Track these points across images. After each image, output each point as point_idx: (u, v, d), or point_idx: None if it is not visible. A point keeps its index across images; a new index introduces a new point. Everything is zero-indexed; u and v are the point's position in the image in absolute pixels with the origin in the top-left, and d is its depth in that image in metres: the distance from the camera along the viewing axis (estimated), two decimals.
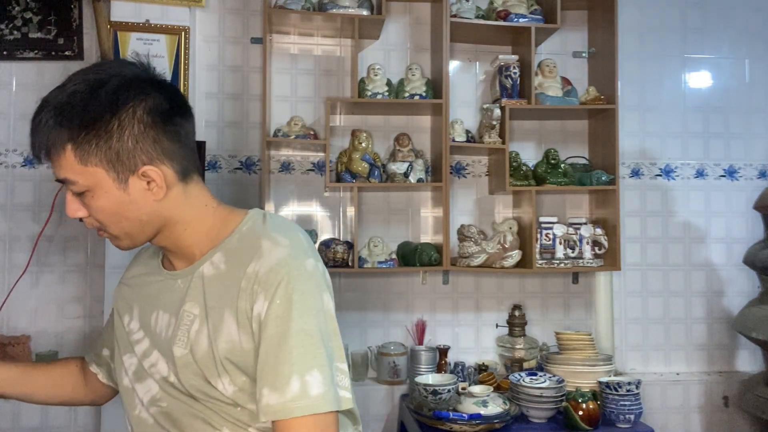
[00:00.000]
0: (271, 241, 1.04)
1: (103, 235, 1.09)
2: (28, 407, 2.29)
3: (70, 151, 1.00)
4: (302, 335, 0.97)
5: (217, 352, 1.02)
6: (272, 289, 0.99)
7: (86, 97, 1.00)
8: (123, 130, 1.01)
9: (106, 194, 1.02)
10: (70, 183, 1.02)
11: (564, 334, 2.46)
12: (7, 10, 2.40)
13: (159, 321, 1.11)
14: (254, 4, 2.56)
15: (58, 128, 0.99)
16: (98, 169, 1.01)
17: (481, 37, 2.64)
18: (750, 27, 2.83)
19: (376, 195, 2.62)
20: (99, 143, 1.00)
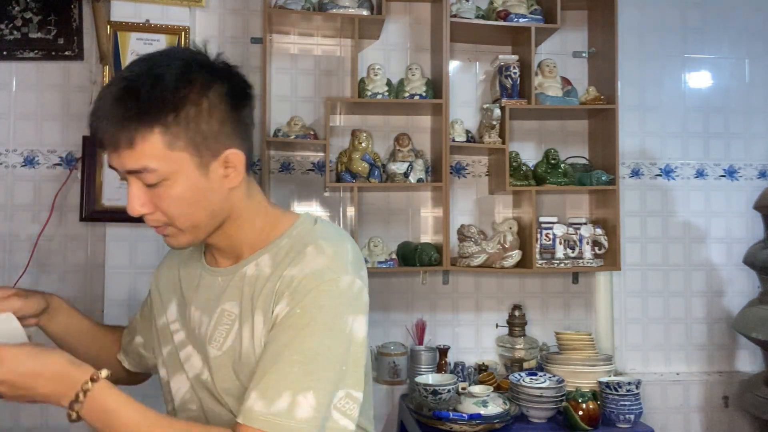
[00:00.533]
0: (316, 248, 1.00)
1: (164, 232, 1.02)
2: (28, 407, 2.29)
3: (158, 136, 0.93)
4: (310, 353, 0.92)
5: (252, 356, 0.99)
6: (298, 297, 0.95)
7: (175, 77, 0.94)
8: (212, 110, 0.97)
9: (186, 181, 0.96)
10: (148, 172, 0.94)
11: (564, 334, 2.46)
12: (7, 10, 2.40)
13: (193, 316, 1.10)
14: (254, 4, 2.56)
15: (147, 110, 0.92)
16: (183, 154, 0.95)
17: (481, 37, 2.64)
18: (750, 27, 2.83)
19: (376, 195, 2.62)
20: (189, 125, 0.95)
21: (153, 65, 0.96)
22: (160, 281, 1.21)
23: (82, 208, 2.32)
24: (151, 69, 0.95)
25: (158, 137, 0.93)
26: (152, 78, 0.94)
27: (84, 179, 2.32)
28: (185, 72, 0.96)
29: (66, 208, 2.42)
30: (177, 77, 0.95)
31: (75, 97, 2.46)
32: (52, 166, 2.44)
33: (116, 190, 2.33)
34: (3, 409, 2.27)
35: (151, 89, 0.93)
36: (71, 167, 2.42)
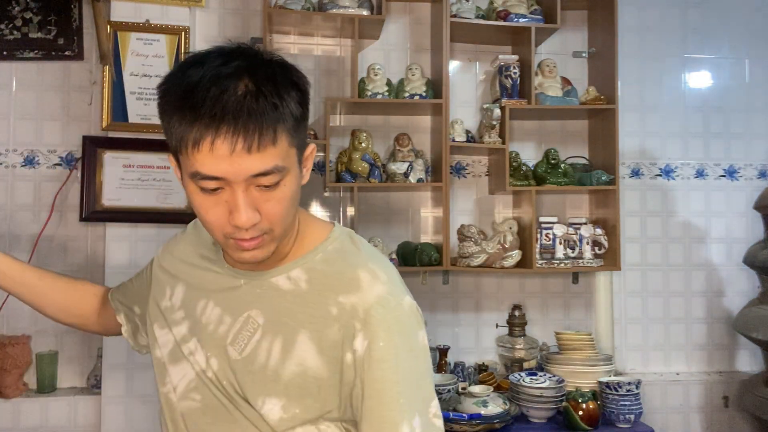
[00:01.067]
0: (369, 274, 0.98)
1: (257, 243, 0.93)
2: (28, 407, 2.29)
3: (287, 131, 0.88)
4: (408, 380, 0.94)
5: (281, 370, 0.96)
6: (373, 329, 0.94)
7: (283, 70, 0.91)
8: (308, 104, 0.94)
9: (294, 179, 0.92)
10: (277, 171, 0.88)
11: (564, 334, 2.46)
12: (7, 10, 2.40)
13: (208, 312, 1.05)
14: (254, 4, 2.56)
15: (284, 104, 0.87)
16: (294, 150, 0.91)
17: (481, 37, 2.64)
18: (750, 27, 2.83)
19: (376, 195, 2.62)
20: (302, 120, 0.92)
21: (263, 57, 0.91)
22: (165, 261, 1.16)
23: (82, 208, 2.32)
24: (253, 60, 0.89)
25: (287, 133, 0.88)
26: (266, 68, 0.88)
27: (84, 179, 2.32)
28: (282, 63, 0.92)
29: (66, 208, 2.42)
30: (283, 68, 0.91)
31: (75, 97, 2.46)
32: (52, 166, 2.44)
33: (116, 190, 2.33)
34: (3, 409, 2.28)
35: (276, 81, 0.88)
36: (71, 167, 2.42)
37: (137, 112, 2.36)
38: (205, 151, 0.85)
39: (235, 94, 0.84)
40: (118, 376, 2.28)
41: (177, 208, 2.35)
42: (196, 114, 0.84)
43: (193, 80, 0.85)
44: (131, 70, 2.37)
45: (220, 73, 0.85)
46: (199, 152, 0.85)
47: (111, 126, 2.35)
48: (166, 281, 1.13)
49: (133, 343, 1.28)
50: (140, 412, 2.28)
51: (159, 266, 1.17)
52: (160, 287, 1.14)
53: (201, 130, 0.84)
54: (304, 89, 0.93)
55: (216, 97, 0.83)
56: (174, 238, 1.21)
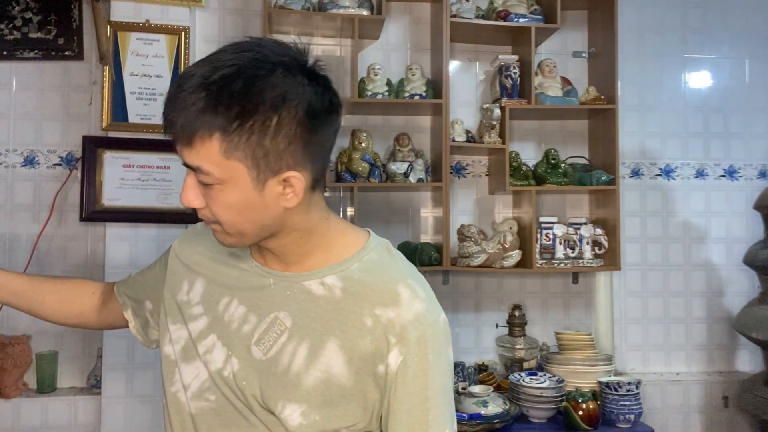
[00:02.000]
0: (410, 290, 0.99)
1: (212, 227, 0.99)
2: (28, 407, 2.29)
3: (216, 140, 0.89)
4: (437, 397, 0.97)
5: (304, 376, 0.96)
6: (409, 345, 0.95)
7: (247, 84, 0.88)
8: (280, 129, 0.90)
9: (239, 192, 0.92)
10: (202, 173, 0.91)
11: (564, 334, 2.46)
12: (7, 10, 2.40)
13: (232, 309, 1.03)
14: (254, 4, 2.56)
15: (211, 113, 0.88)
16: (239, 165, 0.90)
17: (481, 37, 2.64)
18: (750, 27, 2.83)
19: (376, 195, 2.61)
20: (251, 138, 0.89)
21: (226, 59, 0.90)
22: (183, 254, 1.14)
23: (82, 208, 2.32)
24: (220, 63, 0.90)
25: (216, 143, 0.89)
26: (225, 77, 0.88)
27: (84, 179, 2.32)
28: (262, 79, 0.89)
29: (66, 208, 2.42)
30: (251, 84, 0.89)
31: (75, 97, 2.46)
32: (52, 166, 2.44)
33: (116, 190, 2.33)
34: (3, 409, 2.28)
35: (221, 90, 0.88)
36: (71, 167, 2.42)
37: (137, 112, 2.36)
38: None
39: (180, 92, 0.90)
40: (118, 376, 2.28)
41: (177, 208, 2.35)
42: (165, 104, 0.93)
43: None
44: (131, 70, 2.37)
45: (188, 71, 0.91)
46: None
47: (111, 126, 2.35)
48: (184, 274, 1.11)
49: (143, 338, 1.24)
50: (140, 412, 2.28)
51: (176, 259, 1.15)
52: (177, 280, 1.12)
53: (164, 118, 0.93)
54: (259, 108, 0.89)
55: (174, 87, 0.91)
56: (193, 231, 1.18)
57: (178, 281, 1.11)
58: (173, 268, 1.14)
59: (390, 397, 0.96)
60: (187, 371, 1.04)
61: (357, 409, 0.96)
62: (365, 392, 0.96)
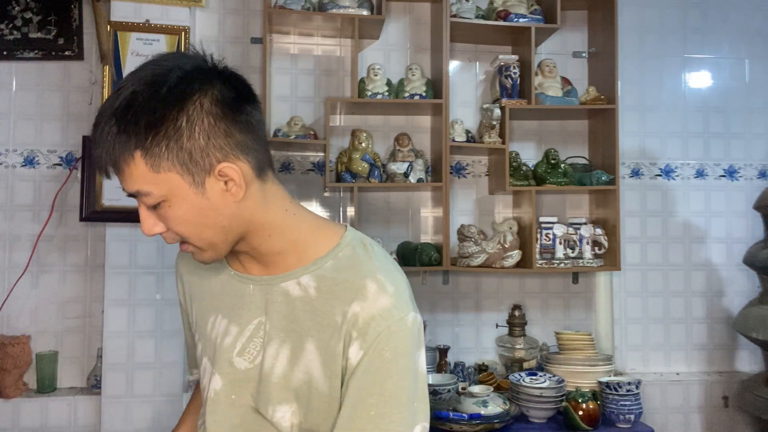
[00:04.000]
0: (377, 284, 0.95)
1: (188, 249, 0.98)
2: (28, 407, 2.29)
3: (139, 159, 0.89)
4: (385, 396, 0.92)
5: (290, 376, 0.96)
6: (369, 340, 0.92)
7: (148, 96, 0.89)
8: (193, 126, 0.90)
9: (183, 201, 0.92)
10: (144, 195, 0.92)
11: (564, 334, 2.46)
12: (7, 10, 2.40)
13: (217, 325, 1.03)
14: (254, 4, 2.56)
15: (124, 135, 0.89)
16: (172, 175, 0.90)
17: (481, 37, 2.64)
18: (750, 27, 2.83)
19: (376, 195, 2.61)
20: (169, 144, 0.89)
21: (127, 83, 0.92)
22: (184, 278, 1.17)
23: (82, 208, 2.32)
24: (122, 89, 0.92)
25: (140, 161, 0.90)
26: (126, 99, 0.90)
27: (84, 179, 2.32)
28: (158, 87, 0.90)
29: (66, 208, 2.42)
30: (151, 94, 0.89)
31: (75, 97, 2.46)
32: (52, 166, 2.44)
33: (116, 190, 2.31)
34: (3, 409, 2.28)
35: (125, 111, 0.89)
36: (71, 167, 2.42)
37: None
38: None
39: (96, 126, 0.93)
40: (118, 376, 2.28)
41: None
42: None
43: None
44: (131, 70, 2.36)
45: (100, 109, 0.95)
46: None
47: None
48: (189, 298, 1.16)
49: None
50: (140, 412, 2.28)
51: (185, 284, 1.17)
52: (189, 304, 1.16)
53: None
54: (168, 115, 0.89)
55: (92, 134, 0.95)
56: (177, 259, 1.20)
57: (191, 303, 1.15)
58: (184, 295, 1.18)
59: (346, 389, 0.93)
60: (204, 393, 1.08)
61: (335, 413, 0.95)
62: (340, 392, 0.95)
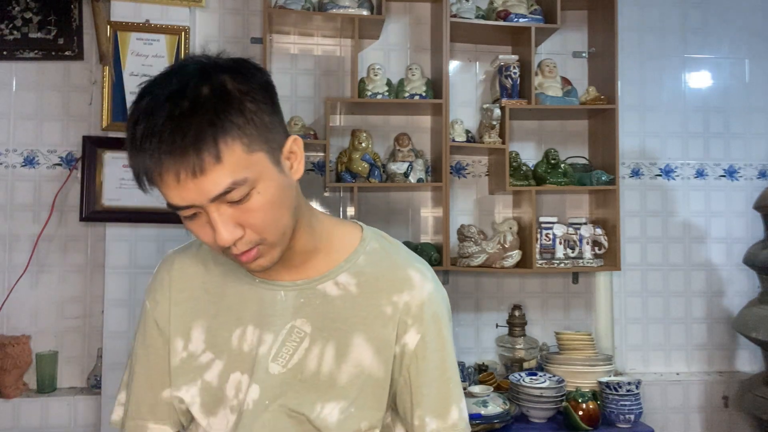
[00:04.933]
0: (418, 272, 1.03)
1: (253, 255, 0.90)
2: (28, 407, 2.29)
3: (237, 141, 0.83)
4: (453, 368, 1.04)
5: (337, 374, 0.97)
6: (425, 324, 1.00)
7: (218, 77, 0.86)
8: (263, 99, 0.88)
9: (271, 182, 0.87)
10: (238, 186, 0.84)
11: (564, 334, 2.46)
12: (7, 10, 2.40)
13: (248, 337, 0.99)
14: (254, 4, 2.56)
15: (218, 120, 0.82)
16: (261, 154, 0.86)
17: (481, 37, 2.64)
18: (750, 27, 2.83)
19: (376, 195, 2.61)
20: (255, 120, 0.85)
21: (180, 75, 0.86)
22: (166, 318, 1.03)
23: (82, 208, 2.32)
24: (188, 79, 0.85)
25: (237, 143, 0.83)
26: (197, 86, 0.84)
27: (84, 179, 2.32)
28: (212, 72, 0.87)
29: (66, 208, 2.42)
30: (235, 74, 0.88)
31: (75, 97, 2.46)
32: (52, 166, 2.44)
33: (116, 190, 2.33)
34: (3, 409, 2.28)
35: (206, 96, 0.83)
36: (71, 167, 2.42)
37: None
38: (159, 184, 0.84)
39: (168, 121, 0.81)
40: (118, 376, 2.28)
41: None
42: (138, 150, 0.84)
43: (135, 115, 0.85)
44: (131, 70, 2.37)
45: (157, 101, 0.83)
46: (155, 186, 0.85)
47: (111, 126, 2.34)
48: (172, 334, 1.02)
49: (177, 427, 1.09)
50: None
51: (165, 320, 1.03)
52: (169, 343, 1.03)
53: (146, 165, 0.84)
54: (254, 90, 0.87)
55: (151, 129, 0.82)
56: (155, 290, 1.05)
57: (170, 342, 1.02)
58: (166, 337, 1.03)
59: (410, 374, 1.00)
60: (215, 424, 1.00)
61: (385, 397, 1.00)
62: (391, 377, 1.00)
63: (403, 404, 1.02)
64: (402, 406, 1.03)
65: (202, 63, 0.89)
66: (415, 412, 1.01)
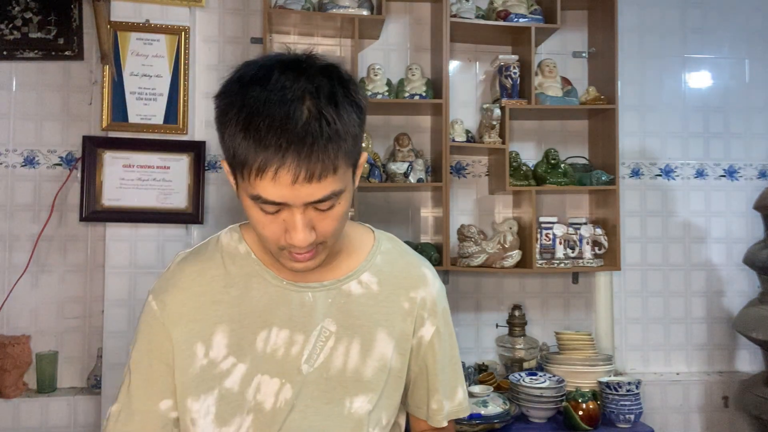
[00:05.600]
0: (430, 271, 1.13)
1: (310, 255, 0.93)
2: (28, 407, 2.29)
3: (347, 155, 0.87)
4: (457, 354, 1.17)
5: (363, 369, 1.02)
6: (438, 317, 1.10)
7: (347, 85, 0.89)
8: (359, 115, 0.90)
9: (349, 194, 0.92)
10: (335, 195, 0.87)
11: (564, 334, 2.46)
12: (7, 10, 2.40)
13: (273, 339, 0.98)
14: (254, 4, 2.56)
15: (342, 133, 0.85)
16: (350, 169, 0.90)
17: (481, 37, 2.64)
18: (750, 27, 2.83)
19: (376, 195, 2.61)
20: (357, 137, 0.90)
21: (306, 75, 0.87)
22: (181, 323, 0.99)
23: (82, 208, 2.32)
24: (314, 80, 0.86)
25: (347, 156, 0.87)
26: (337, 89, 0.87)
27: (84, 179, 2.32)
28: (349, 81, 0.90)
29: (66, 208, 2.42)
30: (349, 85, 0.90)
31: (75, 97, 2.46)
32: (52, 166, 2.44)
33: (116, 190, 2.33)
34: (3, 409, 2.28)
35: (336, 104, 0.85)
36: (71, 167, 2.42)
37: (137, 112, 2.36)
38: (268, 179, 0.84)
39: (301, 122, 0.82)
40: (118, 376, 2.27)
41: (177, 208, 2.35)
42: (260, 142, 0.82)
43: (256, 103, 0.83)
44: (131, 70, 2.37)
45: (285, 98, 0.83)
46: (261, 180, 0.84)
47: (111, 126, 2.35)
48: (192, 341, 0.98)
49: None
50: None
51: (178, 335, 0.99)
52: (184, 352, 0.98)
53: (266, 159, 0.83)
54: (363, 105, 0.91)
55: (281, 126, 0.81)
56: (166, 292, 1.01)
57: (187, 352, 0.98)
58: (180, 346, 0.98)
59: (426, 363, 1.10)
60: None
61: (402, 387, 1.08)
62: (408, 368, 1.08)
63: (419, 391, 1.12)
64: (417, 393, 1.12)
65: (317, 64, 0.90)
66: (433, 396, 1.11)
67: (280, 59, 0.90)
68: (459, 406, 1.15)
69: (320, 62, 0.91)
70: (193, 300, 1.00)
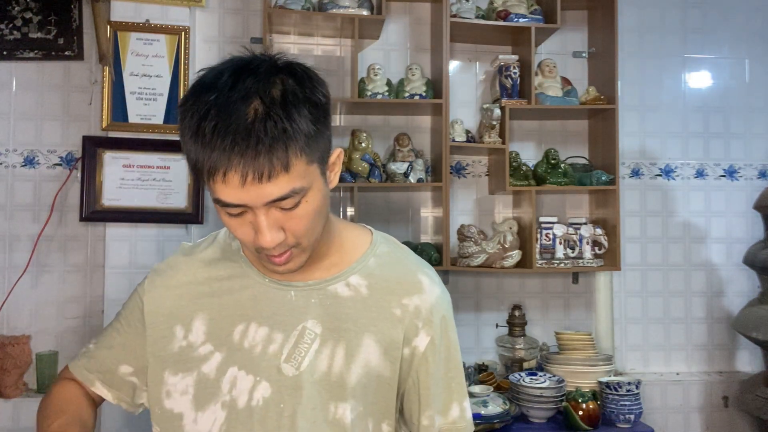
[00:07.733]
0: (428, 277, 1.07)
1: (286, 257, 0.93)
2: (28, 407, 2.29)
3: (303, 151, 0.85)
4: (456, 368, 1.08)
5: (347, 376, 0.98)
6: (434, 327, 1.03)
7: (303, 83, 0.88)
8: (328, 110, 0.91)
9: (318, 192, 0.90)
10: (295, 194, 0.87)
11: (564, 334, 2.46)
12: (7, 10, 2.40)
13: (252, 334, 0.99)
14: (254, 4, 2.56)
15: (296, 129, 0.84)
16: (316, 165, 0.89)
17: (481, 37, 2.64)
18: (750, 27, 2.83)
19: (376, 195, 2.61)
20: (320, 133, 0.88)
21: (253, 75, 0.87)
22: (161, 305, 1.04)
23: (82, 208, 2.32)
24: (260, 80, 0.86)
25: (303, 153, 0.85)
26: (269, 89, 0.85)
27: (84, 179, 2.32)
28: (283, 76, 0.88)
29: (66, 208, 2.42)
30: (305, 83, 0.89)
31: (75, 97, 2.46)
32: (52, 166, 2.44)
33: (116, 190, 2.33)
34: (3, 408, 2.27)
35: (279, 102, 0.85)
36: (71, 167, 2.42)
37: (137, 112, 2.36)
38: (219, 182, 0.85)
39: (244, 123, 0.82)
40: None
41: (177, 208, 2.35)
42: (207, 145, 0.83)
43: (205, 107, 0.84)
44: (131, 70, 2.37)
45: (230, 100, 0.84)
46: (214, 182, 0.85)
47: (111, 126, 2.35)
48: (172, 322, 1.03)
49: (128, 405, 1.13)
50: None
51: (154, 312, 1.04)
52: (164, 330, 1.03)
53: (213, 162, 0.83)
54: (320, 102, 0.89)
55: (225, 128, 0.82)
56: (158, 282, 1.07)
57: (166, 331, 1.03)
58: (153, 321, 1.04)
59: (419, 375, 1.03)
60: (202, 420, 0.99)
61: (394, 396, 1.02)
62: (398, 377, 1.02)
63: (411, 404, 1.05)
64: (409, 406, 1.05)
65: (270, 64, 0.90)
66: (424, 412, 1.04)
67: (233, 62, 0.91)
68: (453, 425, 1.05)
69: (275, 61, 0.92)
70: (181, 287, 1.05)
